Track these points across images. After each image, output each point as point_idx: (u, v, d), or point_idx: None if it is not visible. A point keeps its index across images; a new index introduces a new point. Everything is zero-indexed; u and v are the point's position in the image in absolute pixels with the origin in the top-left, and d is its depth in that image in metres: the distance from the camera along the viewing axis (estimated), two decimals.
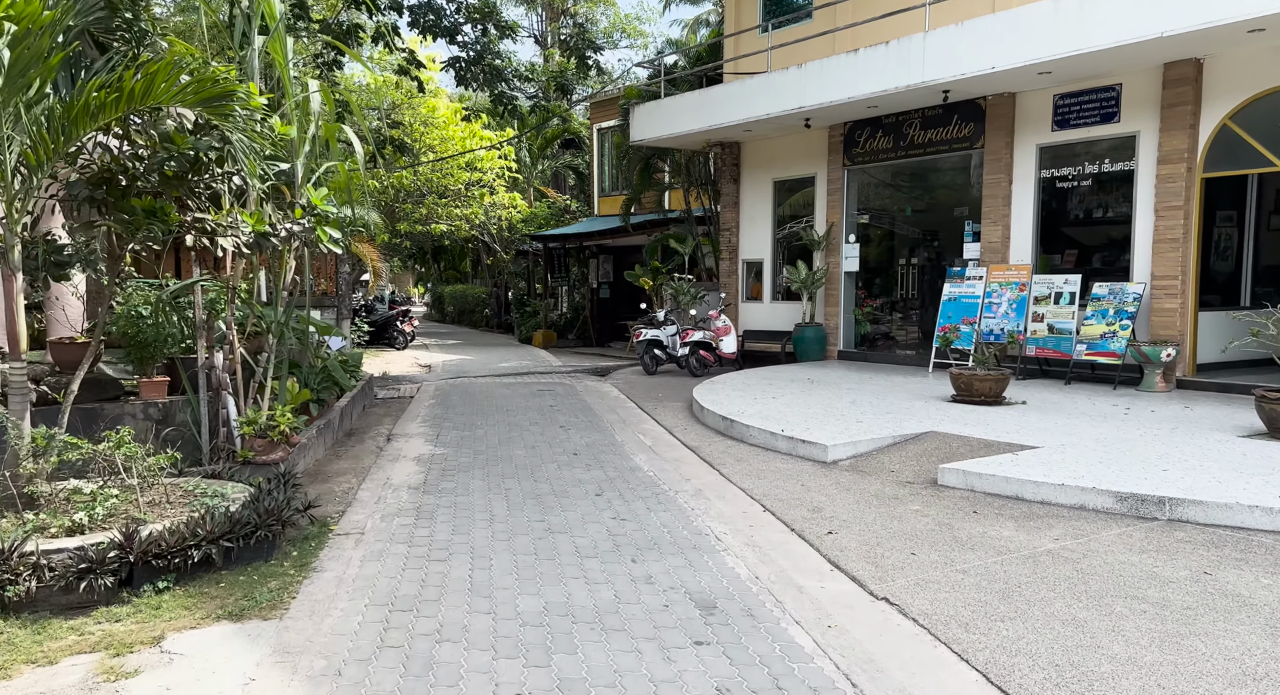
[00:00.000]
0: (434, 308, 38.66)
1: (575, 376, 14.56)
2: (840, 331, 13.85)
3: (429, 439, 8.63)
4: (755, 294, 15.68)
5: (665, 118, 14.86)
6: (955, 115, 12.00)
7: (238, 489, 5.28)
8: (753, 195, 15.43)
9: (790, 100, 12.49)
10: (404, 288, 68.98)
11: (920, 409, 8.69)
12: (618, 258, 23.36)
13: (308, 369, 8.47)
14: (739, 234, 15.75)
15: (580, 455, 7.73)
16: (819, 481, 6.49)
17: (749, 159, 15.45)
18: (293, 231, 5.50)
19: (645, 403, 10.91)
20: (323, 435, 7.90)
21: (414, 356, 18.75)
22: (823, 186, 14.05)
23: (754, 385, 10.83)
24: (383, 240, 20.09)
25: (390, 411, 10.67)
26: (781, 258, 15.19)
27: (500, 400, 11.42)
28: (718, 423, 8.73)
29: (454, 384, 13.39)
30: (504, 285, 28.60)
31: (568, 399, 11.48)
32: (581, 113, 29.89)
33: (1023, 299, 10.99)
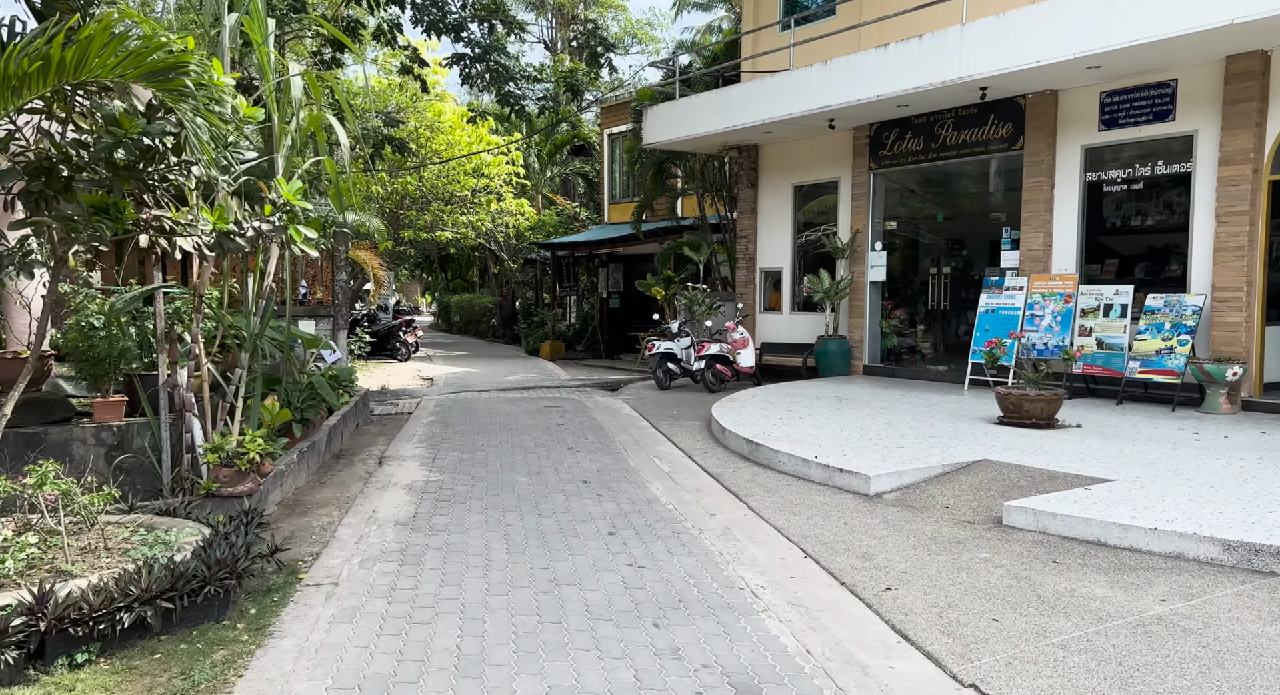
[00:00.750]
0: (440, 318, 38.00)
1: (584, 391, 13.78)
2: (865, 345, 13.04)
3: (424, 462, 7.86)
4: (773, 305, 14.89)
5: (680, 119, 14.13)
6: (992, 114, 11.22)
7: (188, 532, 4.51)
8: (771, 201, 14.67)
9: (814, 99, 11.73)
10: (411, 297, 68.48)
11: (966, 432, 7.87)
12: (628, 267, 22.64)
13: (291, 386, 7.72)
14: (756, 242, 14.98)
15: (590, 483, 6.94)
16: (863, 519, 5.68)
17: (768, 163, 14.69)
18: (261, 230, 4.76)
19: (660, 421, 10.12)
20: (305, 459, 7.13)
21: (416, 368, 18.01)
22: (847, 191, 13.28)
23: (777, 403, 10.03)
24: (385, 248, 19.41)
25: (386, 429, 9.91)
26: (801, 267, 14.41)
27: (504, 417, 10.65)
28: (741, 446, 7.93)
29: (456, 399, 12.63)
30: (511, 295, 27.90)
31: (576, 416, 10.70)
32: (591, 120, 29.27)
33: (1068, 311, 10.17)
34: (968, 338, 14.03)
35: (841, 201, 13.42)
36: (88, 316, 5.71)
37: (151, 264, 5.50)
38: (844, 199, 13.36)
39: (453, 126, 20.38)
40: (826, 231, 13.79)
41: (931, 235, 14.96)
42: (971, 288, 14.55)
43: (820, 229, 14.09)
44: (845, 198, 13.32)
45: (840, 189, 13.45)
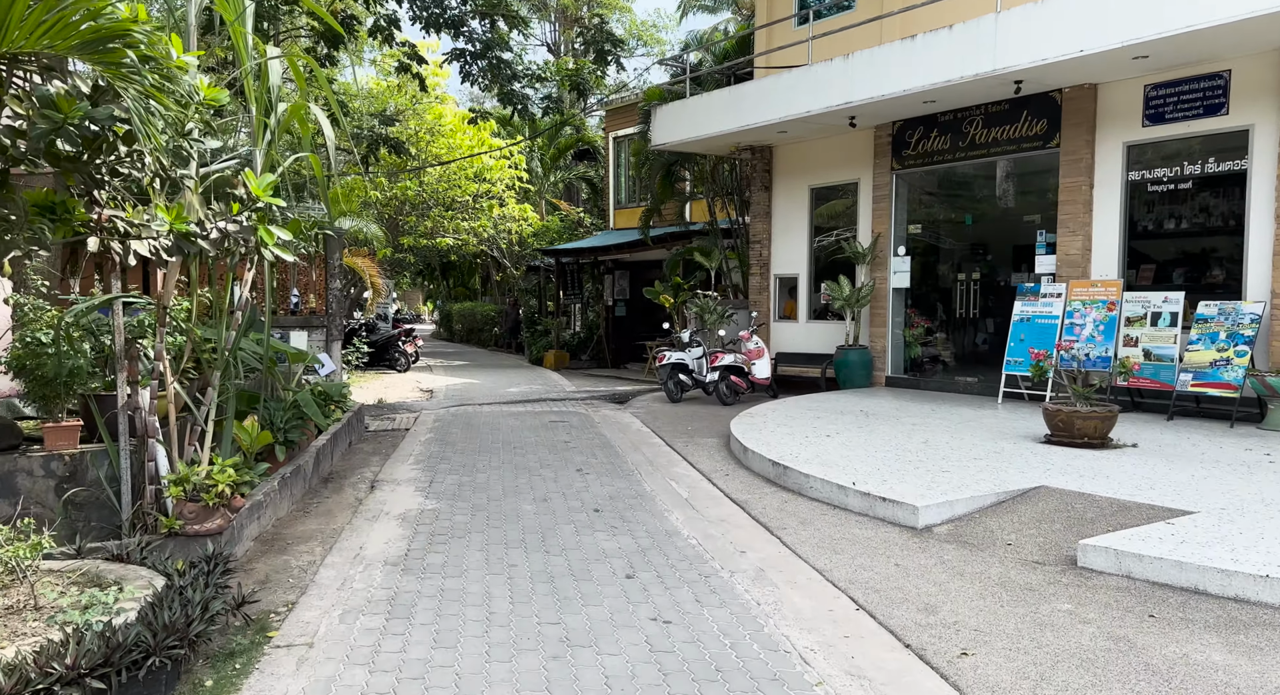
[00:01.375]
0: (442, 326, 37.38)
1: (591, 404, 13.11)
2: (888, 355, 12.36)
3: (420, 487, 7.18)
4: (789, 313, 14.22)
5: (690, 119, 13.50)
6: (1025, 110, 10.56)
7: (137, 586, 3.84)
8: (786, 204, 14.02)
9: (834, 95, 11.09)
10: (413, 305, 67.88)
11: (1013, 453, 7.19)
12: (634, 274, 21.99)
13: (274, 404, 7.06)
14: (771, 247, 14.32)
15: (603, 512, 6.27)
16: (916, 558, 5.00)
17: (782, 164, 14.05)
18: (227, 232, 4.12)
19: (674, 438, 9.45)
20: (289, 486, 6.47)
21: (416, 380, 17.35)
22: (867, 193, 12.62)
23: (800, 418, 9.35)
24: (384, 255, 18.78)
25: (380, 448, 9.24)
26: (818, 273, 13.74)
27: (507, 433, 9.98)
28: (766, 468, 7.25)
29: (456, 413, 11.96)
30: (514, 303, 27.26)
31: (584, 432, 10.03)
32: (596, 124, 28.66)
33: (1112, 320, 9.49)
34: (998, 348, 13.36)
35: (862, 204, 12.76)
36: (35, 331, 5.06)
37: (110, 271, 4.84)
38: (864, 201, 12.70)
39: (454, 130, 19.77)
40: (845, 236, 13.13)
41: (958, 239, 14.31)
42: (1001, 295, 13.89)
43: (838, 233, 13.43)
44: (866, 200, 12.66)
45: (860, 191, 12.79)
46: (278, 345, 7.58)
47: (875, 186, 12.41)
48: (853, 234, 12.94)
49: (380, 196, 19.69)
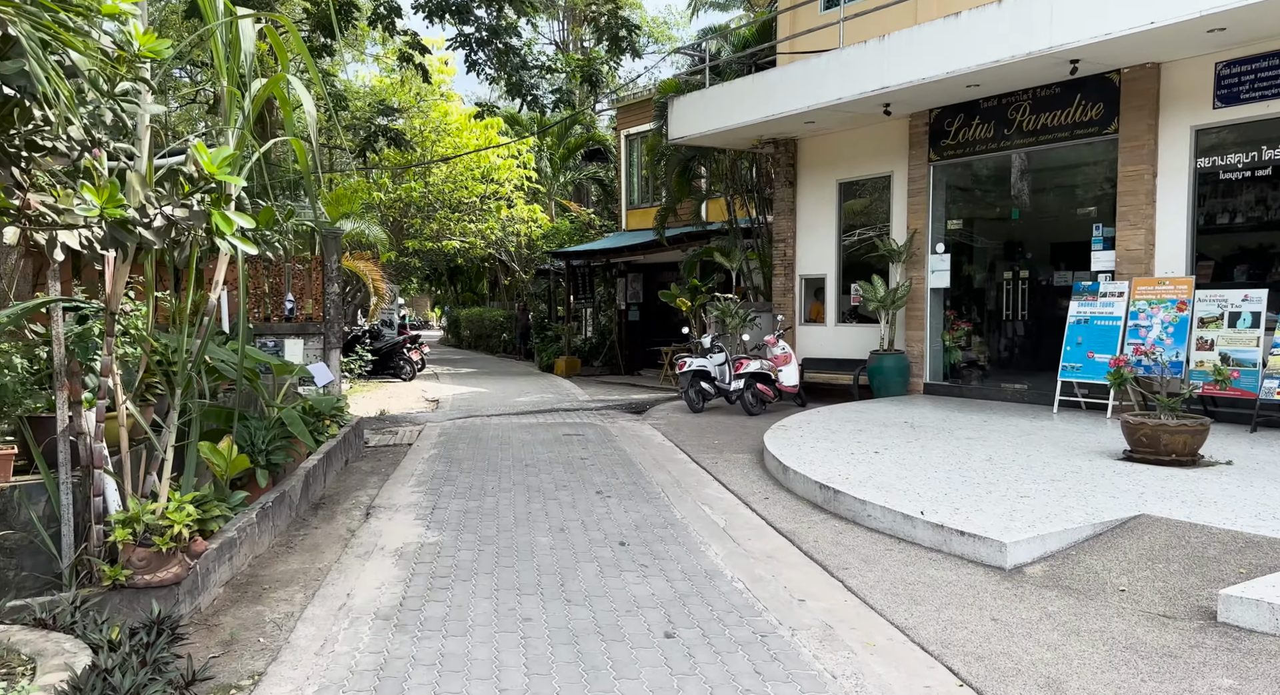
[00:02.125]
0: (450, 332, 36.65)
1: (606, 414, 12.28)
2: (926, 360, 11.49)
3: (421, 514, 6.37)
4: (815, 316, 13.37)
5: (710, 110, 12.68)
6: (1079, 94, 9.70)
7: (54, 668, 3.03)
8: (813, 200, 13.18)
9: (868, 80, 10.25)
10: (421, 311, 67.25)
11: (1093, 473, 6.32)
12: (648, 276, 21.19)
13: (257, 423, 6.25)
14: (796, 246, 13.48)
15: (630, 546, 5.43)
16: (1016, 610, 4.14)
17: (808, 158, 13.21)
18: (174, 218, 3.32)
19: (701, 453, 8.61)
20: (271, 517, 5.66)
21: (421, 389, 16.57)
22: (901, 187, 11.77)
23: (840, 431, 8.50)
24: (388, 259, 18.03)
25: (380, 466, 8.43)
26: (847, 273, 12.89)
27: (518, 449, 9.16)
28: (812, 491, 6.40)
29: (463, 425, 11.15)
30: (524, 308, 26.49)
31: (602, 447, 9.20)
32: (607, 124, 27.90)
33: (1182, 320, 8.61)
34: (1047, 352, 12.49)
35: (895, 198, 11.91)
36: None
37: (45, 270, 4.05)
38: (898, 196, 11.85)
39: (460, 129, 19.03)
40: (877, 233, 12.29)
41: (1001, 236, 13.45)
42: (1049, 295, 13.01)
43: (869, 230, 12.59)
44: (900, 194, 11.81)
45: (894, 184, 11.94)
46: (259, 356, 6.78)
47: (910, 179, 11.56)
48: (885, 231, 12.09)
49: (384, 198, 18.95)
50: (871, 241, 12.37)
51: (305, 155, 5.44)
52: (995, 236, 13.83)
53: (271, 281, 10.82)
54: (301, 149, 5.35)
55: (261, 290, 10.71)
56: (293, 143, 5.45)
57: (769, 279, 15.07)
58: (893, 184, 11.95)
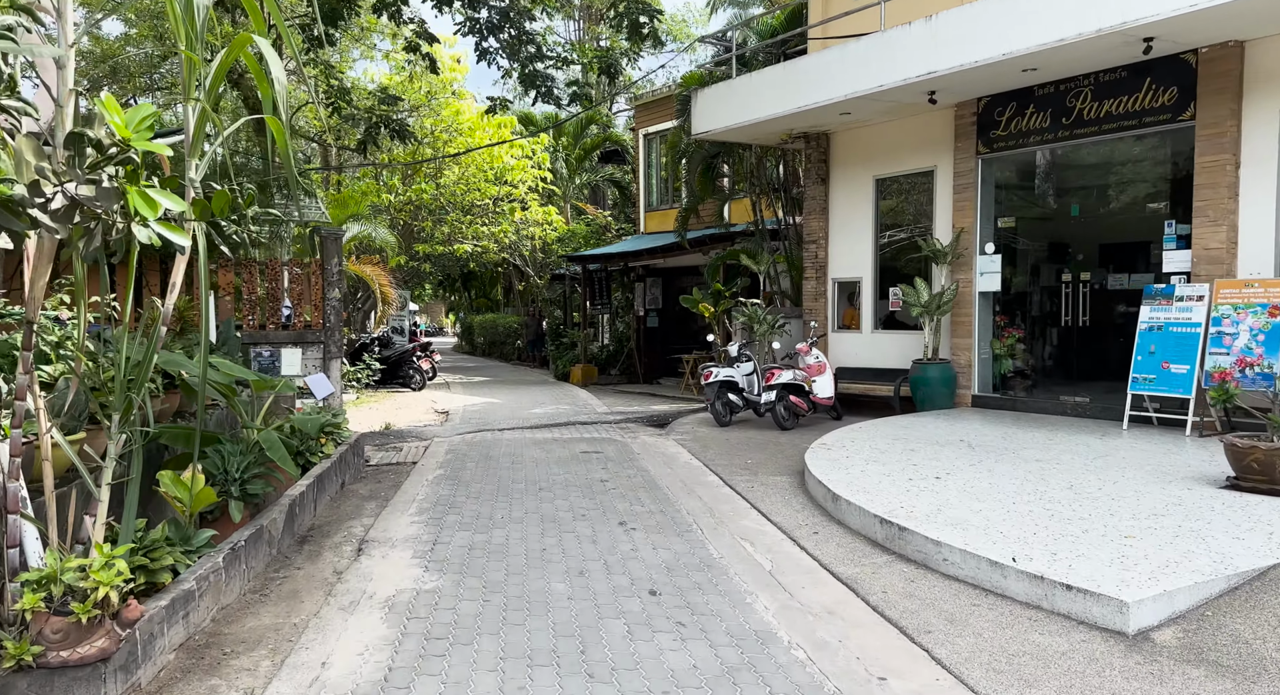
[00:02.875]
0: (464, 338, 35.96)
1: (626, 428, 11.45)
2: (974, 370, 10.58)
3: (419, 552, 5.55)
4: (849, 322, 12.49)
5: (737, 102, 11.86)
6: (1148, 77, 8.80)
7: None
8: (847, 198, 12.31)
9: (914, 65, 9.39)
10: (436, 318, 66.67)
11: (1197, 505, 5.42)
12: (667, 281, 20.36)
13: (232, 447, 5.46)
14: (828, 247, 12.61)
15: (662, 596, 4.59)
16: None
17: (842, 152, 12.35)
18: (79, 197, 2.53)
19: (733, 475, 7.76)
20: (242, 559, 4.86)
21: (431, 399, 15.79)
22: (946, 182, 10.88)
23: (889, 450, 7.62)
24: (397, 263, 17.31)
25: (380, 489, 7.64)
26: (883, 276, 12.01)
27: (531, 469, 8.34)
28: (870, 526, 5.53)
29: (473, 441, 10.35)
30: (538, 314, 25.74)
31: (623, 467, 8.36)
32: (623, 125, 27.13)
33: (1275, 327, 7.68)
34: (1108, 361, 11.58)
35: (939, 195, 11.02)
36: None
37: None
38: (942, 192, 10.97)
39: (472, 128, 18.30)
40: (919, 233, 11.41)
41: (1057, 234, 12.52)
42: (1112, 298, 12.05)
43: (909, 230, 11.71)
44: (944, 190, 10.92)
45: (937, 180, 11.06)
46: (235, 370, 5.99)
47: (956, 174, 10.67)
48: (927, 230, 11.21)
49: (393, 200, 18.24)
50: (911, 242, 11.49)
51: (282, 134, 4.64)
52: (1049, 236, 12.90)
53: (267, 286, 10.07)
54: (277, 127, 4.54)
55: (256, 296, 9.97)
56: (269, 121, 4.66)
57: (798, 283, 14.21)
58: (936, 179, 11.07)
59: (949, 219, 10.79)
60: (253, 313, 9.96)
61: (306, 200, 10.98)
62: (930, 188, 11.19)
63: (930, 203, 11.19)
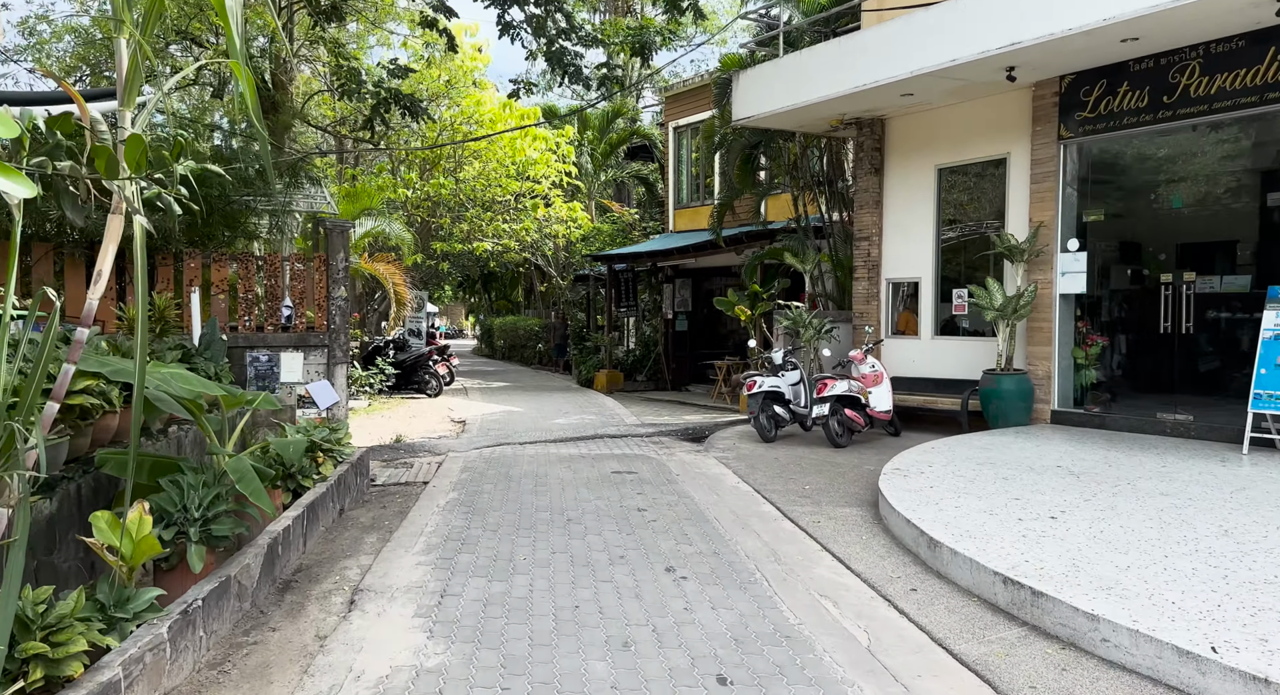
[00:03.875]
0: (483, 341, 35.05)
1: (660, 442, 10.37)
2: (1054, 382, 9.41)
3: (423, 608, 4.50)
4: (905, 327, 11.35)
5: (783, 84, 10.77)
6: (1271, 47, 7.61)
7: None
8: (904, 190, 11.18)
9: (994, 36, 8.27)
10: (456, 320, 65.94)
11: None
12: (696, 282, 19.30)
13: (194, 479, 4.43)
14: (882, 244, 11.48)
15: (735, 687, 3.51)
16: None
17: (900, 139, 11.22)
18: None
19: (792, 504, 6.66)
20: (197, 625, 3.83)
21: (447, 406, 14.80)
22: (1022, 171, 9.73)
23: (976, 477, 6.49)
24: (413, 262, 16.36)
25: (383, 517, 6.62)
26: (945, 276, 10.87)
27: (557, 493, 7.29)
28: (987, 585, 4.41)
29: (491, 457, 9.32)
30: (564, 317, 24.74)
31: (662, 491, 7.29)
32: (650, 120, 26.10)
33: None
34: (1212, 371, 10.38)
35: (1013, 186, 9.86)
36: None
37: None
38: (1016, 182, 9.81)
39: (493, 119, 17.33)
40: (988, 228, 10.26)
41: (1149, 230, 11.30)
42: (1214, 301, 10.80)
43: (975, 225, 10.56)
44: (1019, 180, 9.76)
45: (1010, 169, 9.90)
46: (194, 383, 4.95)
47: (1034, 162, 9.51)
48: (998, 225, 10.05)
49: (411, 196, 17.30)
50: (980, 238, 10.35)
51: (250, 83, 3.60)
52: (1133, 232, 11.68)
53: (266, 283, 9.10)
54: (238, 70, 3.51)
55: (254, 294, 9.00)
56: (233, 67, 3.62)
57: (844, 284, 13.08)
58: (1009, 168, 9.91)
59: (1024, 212, 9.63)
60: (250, 313, 8.99)
61: (311, 189, 10.02)
62: (1002, 178, 10.04)
63: (1002, 195, 10.04)
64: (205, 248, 8.70)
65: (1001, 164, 10.02)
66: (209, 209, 8.40)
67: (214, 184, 8.34)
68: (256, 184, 8.66)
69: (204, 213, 8.50)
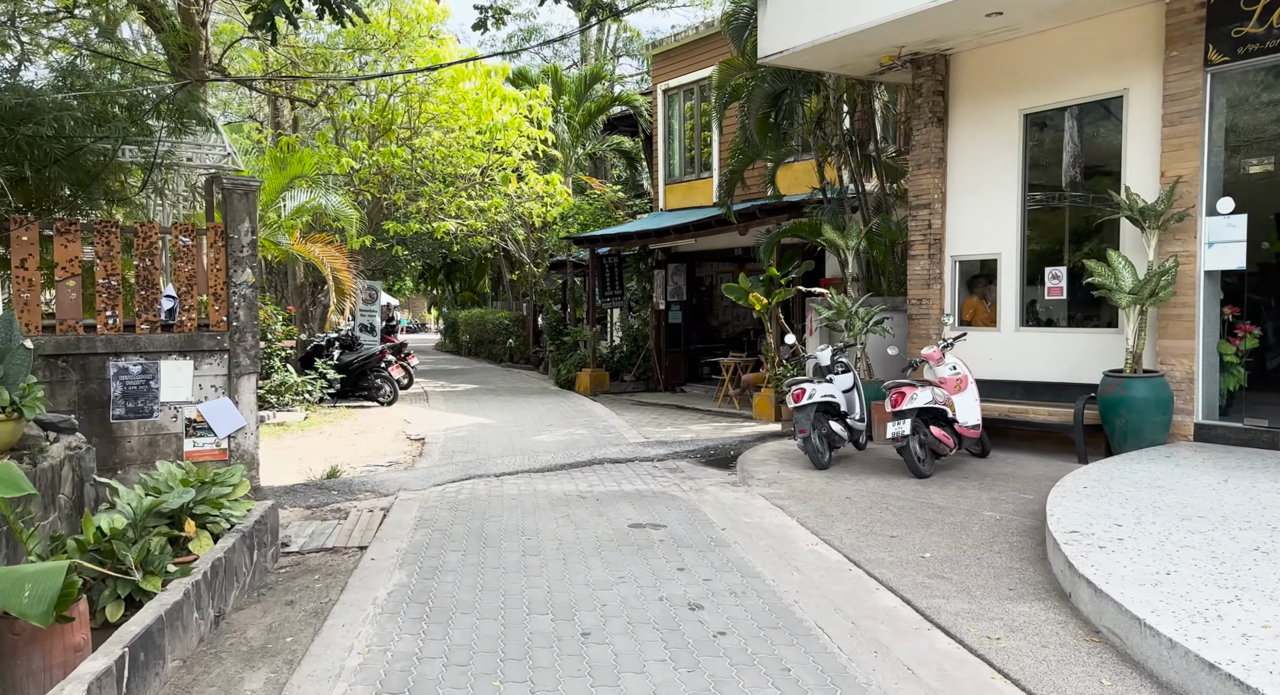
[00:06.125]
0: (448, 336, 32.36)
1: (678, 469, 7.99)
2: (1198, 386, 7.19)
3: None
4: (972, 317, 9.09)
5: (821, 10, 8.42)
6: None
7: None
8: (976, 143, 8.90)
9: None
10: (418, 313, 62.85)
11: None
12: (691, 267, 16.93)
13: None
14: (945, 213, 9.20)
15: None
16: None
17: (971, 79, 8.93)
18: None
19: (923, 591, 4.33)
20: None
21: (403, 418, 12.26)
22: (1148, 111, 7.47)
23: (1209, 544, 4.20)
24: (359, 245, 13.75)
25: (280, 634, 4.16)
26: (1031, 252, 8.62)
27: (556, 570, 4.88)
28: None
29: (458, 500, 6.86)
30: (534, 308, 22.24)
31: (712, 564, 4.92)
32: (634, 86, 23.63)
33: None
34: None
35: (1133, 132, 7.61)
36: None
37: None
38: (1140, 127, 7.56)
39: (455, 77, 14.74)
40: (1097, 189, 8.01)
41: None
42: None
43: (1068, 187, 8.31)
44: (1144, 124, 7.51)
45: (1129, 110, 7.64)
46: None
47: (1168, 98, 7.25)
48: (1109, 185, 7.81)
49: (359, 168, 14.66)
50: (1080, 204, 8.10)
51: None
52: None
53: (137, 265, 6.53)
54: None
55: (118, 279, 6.43)
56: None
57: (881, 264, 10.82)
58: (1127, 109, 7.65)
59: (1154, 165, 7.39)
60: (113, 305, 6.42)
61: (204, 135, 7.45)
62: (1117, 122, 7.79)
63: (1116, 144, 7.79)
64: (41, 213, 6.11)
65: (1117, 104, 7.76)
66: (43, 157, 5.83)
67: (48, 120, 5.77)
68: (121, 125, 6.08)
69: (31, 161, 5.93)
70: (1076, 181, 8.34)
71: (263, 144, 13.65)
